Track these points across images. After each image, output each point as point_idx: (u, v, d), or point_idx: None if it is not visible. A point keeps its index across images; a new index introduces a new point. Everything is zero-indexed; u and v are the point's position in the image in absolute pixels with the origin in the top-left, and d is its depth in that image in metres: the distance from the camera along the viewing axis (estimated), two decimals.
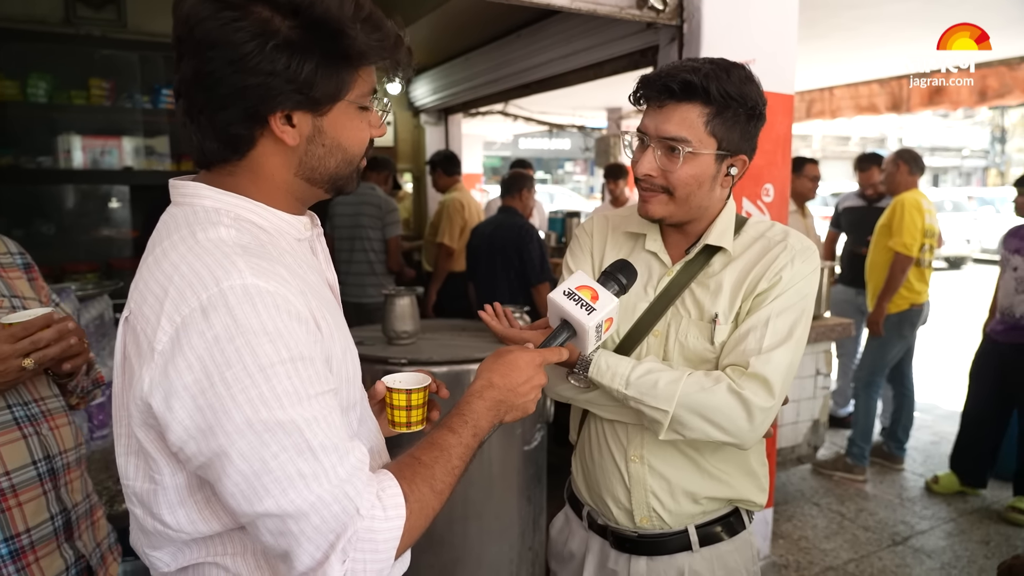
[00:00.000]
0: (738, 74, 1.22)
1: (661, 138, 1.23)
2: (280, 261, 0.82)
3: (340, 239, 4.32)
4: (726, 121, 1.22)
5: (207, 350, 0.73)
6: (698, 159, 1.22)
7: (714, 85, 1.18)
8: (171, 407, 0.75)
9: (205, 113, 0.82)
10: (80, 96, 3.99)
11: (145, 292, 0.79)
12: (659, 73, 1.24)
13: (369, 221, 4.28)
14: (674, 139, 1.21)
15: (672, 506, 1.34)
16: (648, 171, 1.25)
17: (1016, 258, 3.55)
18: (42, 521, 1.22)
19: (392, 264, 4.34)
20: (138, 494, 0.84)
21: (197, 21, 0.78)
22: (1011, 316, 3.55)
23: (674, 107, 1.21)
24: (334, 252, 4.21)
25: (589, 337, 1.12)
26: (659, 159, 1.24)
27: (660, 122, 1.23)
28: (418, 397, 1.06)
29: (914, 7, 3.80)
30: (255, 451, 0.74)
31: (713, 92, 1.19)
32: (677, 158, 1.22)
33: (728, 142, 1.24)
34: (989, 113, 23.06)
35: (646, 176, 1.26)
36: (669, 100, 1.21)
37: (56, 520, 1.25)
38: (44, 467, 1.24)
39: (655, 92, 1.23)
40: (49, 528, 1.24)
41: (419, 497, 0.84)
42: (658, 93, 1.22)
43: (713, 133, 1.22)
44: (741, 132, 1.25)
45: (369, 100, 0.88)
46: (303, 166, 0.87)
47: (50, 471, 1.25)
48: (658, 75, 1.23)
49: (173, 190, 0.88)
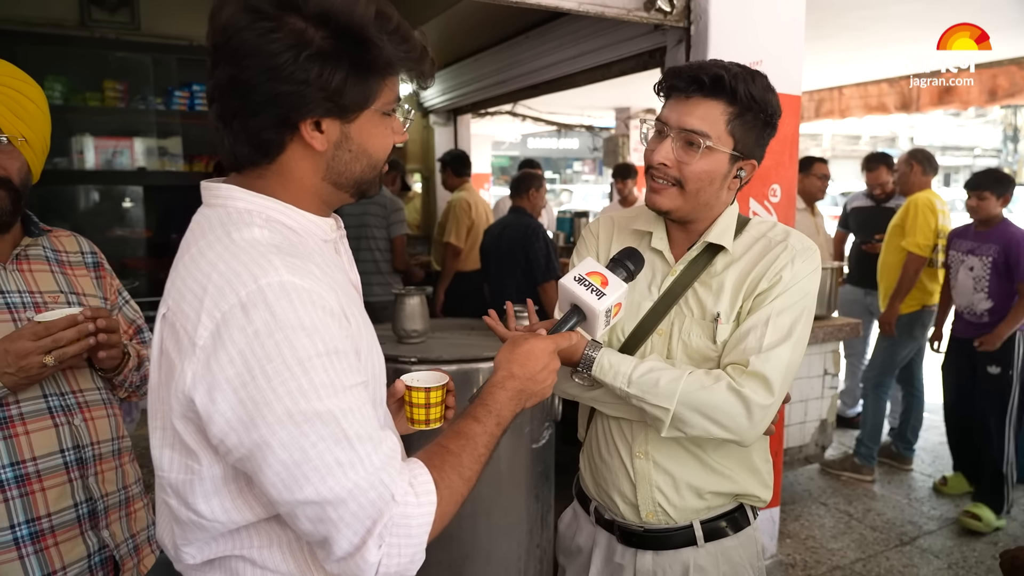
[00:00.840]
0: (762, 81, 1.26)
1: (682, 129, 1.25)
2: (311, 260, 0.85)
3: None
4: (745, 123, 1.25)
5: (248, 344, 0.77)
6: (714, 156, 1.25)
7: (742, 86, 1.22)
8: (214, 400, 0.78)
9: (239, 118, 0.85)
10: (95, 98, 4.05)
11: (183, 290, 0.82)
12: (689, 65, 1.26)
13: (374, 220, 4.31)
14: (695, 132, 1.24)
15: (677, 501, 1.36)
16: (664, 160, 1.26)
17: (971, 258, 3.57)
18: (65, 507, 1.27)
19: (397, 263, 4.37)
20: (174, 485, 0.87)
21: (235, 31, 0.81)
22: (972, 313, 3.56)
23: (700, 100, 1.24)
24: None
25: (599, 321, 1.15)
26: (676, 150, 1.26)
27: (683, 114, 1.25)
28: (436, 395, 1.09)
29: (921, 7, 3.80)
30: (295, 441, 0.77)
31: (740, 92, 1.22)
32: (695, 151, 1.24)
33: (744, 145, 1.27)
34: (1001, 112, 22.86)
35: (660, 165, 1.27)
36: (697, 93, 1.24)
37: (81, 508, 1.30)
38: (72, 456, 1.30)
39: (683, 82, 1.25)
40: (72, 515, 1.29)
41: (448, 484, 0.87)
42: (687, 84, 1.25)
43: (732, 133, 1.25)
44: (756, 137, 1.28)
45: (393, 107, 0.92)
46: (330, 171, 0.90)
47: (78, 460, 1.31)
48: (688, 67, 1.26)
49: (206, 192, 0.92)
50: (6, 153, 1.28)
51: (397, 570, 0.81)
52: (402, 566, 0.82)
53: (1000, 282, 3.45)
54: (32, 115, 1.31)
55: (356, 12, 0.82)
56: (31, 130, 1.31)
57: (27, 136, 1.30)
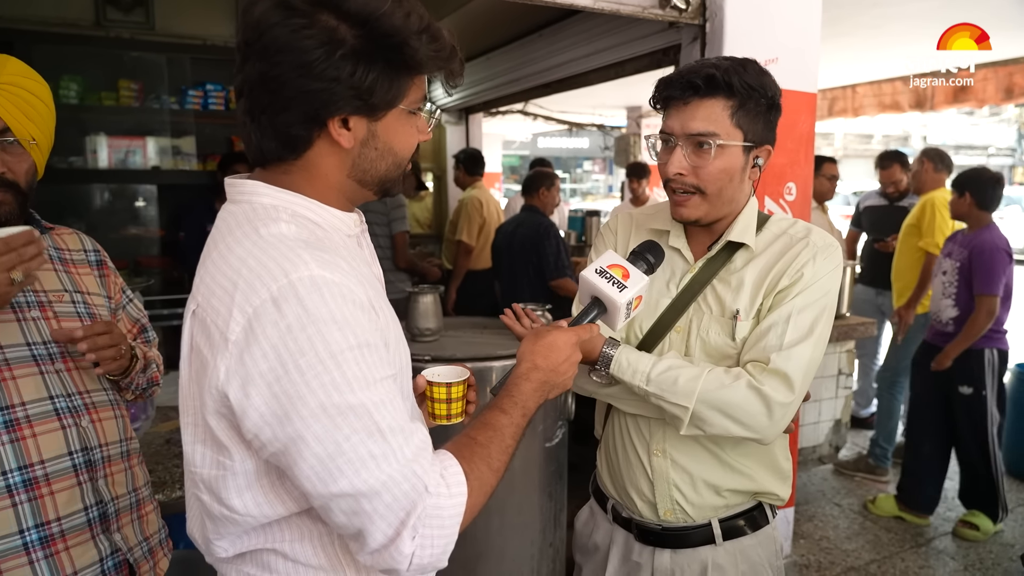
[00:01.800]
0: (753, 67, 1.26)
1: (689, 135, 1.24)
2: (338, 254, 0.85)
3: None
4: (749, 112, 1.25)
5: (280, 338, 0.77)
6: (727, 152, 1.25)
7: (735, 78, 1.22)
8: (248, 394, 0.78)
9: (267, 114, 0.85)
10: (110, 97, 4.07)
11: (212, 286, 0.82)
12: (679, 73, 1.26)
13: (374, 217, 4.27)
14: (702, 134, 1.23)
15: (695, 499, 1.36)
16: (679, 170, 1.26)
17: (946, 261, 3.43)
18: (75, 511, 1.25)
19: (399, 260, 4.35)
20: (206, 481, 0.87)
21: (268, 26, 0.81)
22: (939, 320, 3.44)
23: (699, 103, 1.24)
24: None
25: (620, 314, 1.15)
26: (688, 157, 1.25)
27: (686, 119, 1.25)
28: (458, 390, 1.09)
29: (939, 4, 3.76)
30: (329, 434, 0.78)
31: (736, 84, 1.22)
32: (708, 153, 1.24)
33: (753, 133, 1.26)
34: (1016, 110, 22.64)
35: (677, 175, 1.27)
36: (693, 96, 1.24)
37: (91, 511, 1.27)
38: (81, 458, 1.27)
39: (678, 90, 1.25)
40: (83, 518, 1.26)
41: (478, 475, 0.88)
42: (682, 91, 1.25)
43: (739, 125, 1.25)
44: (764, 122, 1.28)
45: (419, 106, 0.92)
46: (356, 168, 0.91)
47: (87, 463, 1.28)
48: (679, 74, 1.26)
49: (230, 188, 0.92)
50: (15, 156, 1.25)
51: (430, 560, 0.82)
52: (435, 556, 0.82)
53: (967, 291, 3.28)
54: (42, 115, 1.29)
55: (390, 11, 0.82)
56: (40, 131, 1.29)
57: (37, 137, 1.27)
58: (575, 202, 21.68)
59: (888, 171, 4.55)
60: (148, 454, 2.07)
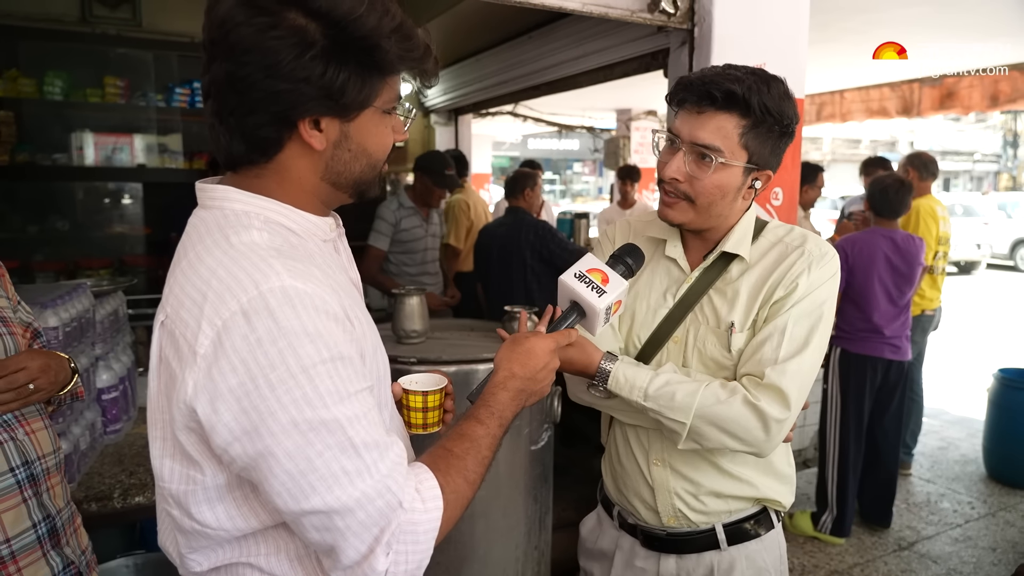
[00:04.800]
0: (778, 89, 1.21)
1: (694, 144, 1.22)
2: (312, 262, 0.83)
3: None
4: (759, 135, 1.21)
5: (250, 352, 0.75)
6: (727, 170, 1.22)
7: (756, 98, 1.17)
8: (216, 410, 0.76)
9: (235, 115, 0.83)
10: (95, 94, 4.03)
11: (182, 296, 0.80)
12: (702, 78, 1.22)
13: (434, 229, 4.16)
14: (707, 147, 1.20)
15: (697, 506, 1.36)
16: (675, 175, 1.24)
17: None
18: (24, 530, 1.21)
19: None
20: (175, 495, 0.85)
21: (233, 25, 0.78)
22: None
23: (712, 115, 1.20)
24: None
25: (599, 319, 1.14)
26: (688, 164, 1.23)
27: (695, 128, 1.21)
28: (434, 399, 1.07)
29: (925, 12, 3.80)
30: (300, 450, 0.76)
31: (754, 105, 1.17)
32: (707, 166, 1.21)
33: (758, 156, 1.23)
34: (1001, 117, 22.90)
35: (672, 180, 1.25)
36: (709, 107, 1.20)
37: (40, 527, 1.24)
38: (23, 473, 1.22)
39: (695, 96, 1.21)
40: (32, 536, 1.22)
41: (454, 488, 0.86)
42: (698, 98, 1.20)
43: (746, 146, 1.21)
44: (771, 148, 1.24)
45: (394, 106, 0.90)
46: (329, 170, 0.88)
47: (30, 477, 1.23)
48: (701, 79, 1.21)
49: (201, 193, 0.89)
50: None
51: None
52: (410, 572, 0.81)
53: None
54: None
55: (364, 13, 0.80)
56: None
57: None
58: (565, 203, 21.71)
59: (872, 178, 4.58)
60: (130, 455, 2.05)
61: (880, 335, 3.27)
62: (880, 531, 3.45)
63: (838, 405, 3.35)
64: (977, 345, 7.62)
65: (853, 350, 3.30)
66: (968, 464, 4.32)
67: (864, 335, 3.28)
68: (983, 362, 6.50)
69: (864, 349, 3.29)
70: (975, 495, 3.90)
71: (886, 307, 3.24)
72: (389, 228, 3.72)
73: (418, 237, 3.83)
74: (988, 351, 7.27)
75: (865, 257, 3.22)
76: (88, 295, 2.00)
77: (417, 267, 3.89)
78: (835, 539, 3.34)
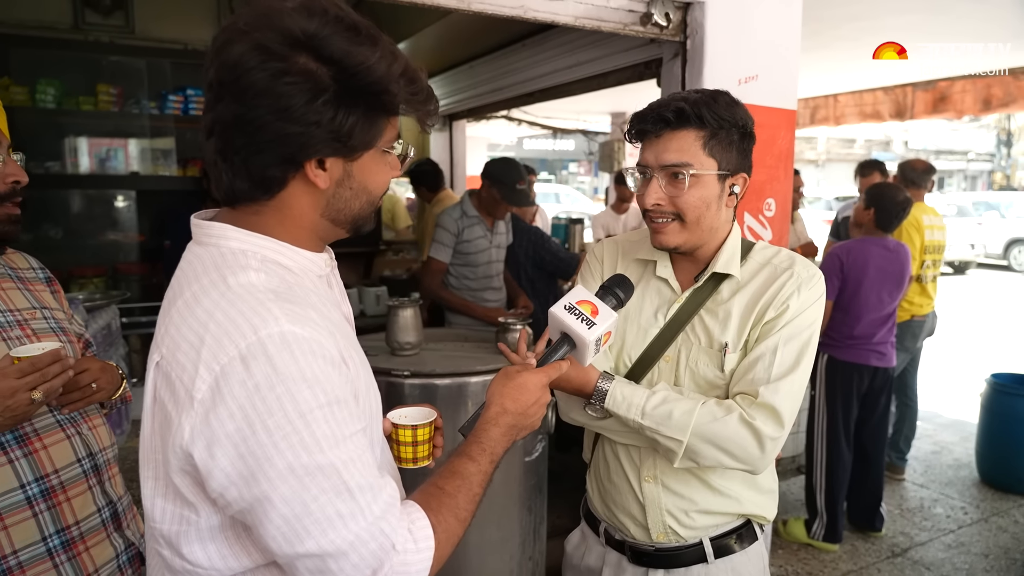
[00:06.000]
0: (724, 99, 1.29)
1: (663, 166, 1.27)
2: (308, 302, 0.84)
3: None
4: (721, 142, 1.28)
5: (248, 398, 0.75)
6: (702, 181, 1.27)
7: (705, 110, 1.25)
8: (213, 455, 0.76)
9: (241, 155, 0.83)
10: (88, 102, 4.03)
11: (178, 338, 0.80)
12: (650, 107, 1.30)
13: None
14: (676, 165, 1.26)
15: (687, 521, 1.39)
16: (656, 200, 1.29)
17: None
18: (90, 514, 1.33)
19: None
20: (167, 536, 0.85)
21: (245, 70, 0.79)
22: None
23: (671, 135, 1.27)
24: None
25: (589, 351, 1.15)
26: (664, 188, 1.28)
27: (660, 152, 1.28)
28: (424, 432, 1.07)
29: (915, 20, 3.82)
30: (296, 495, 0.77)
31: (706, 116, 1.25)
32: (682, 183, 1.26)
33: (727, 162, 1.29)
34: (995, 116, 22.97)
35: (655, 206, 1.29)
36: (665, 129, 1.27)
37: (104, 512, 1.36)
38: (88, 464, 1.35)
39: (650, 124, 1.28)
40: (97, 520, 1.34)
41: (446, 527, 0.87)
42: (654, 124, 1.28)
43: (711, 155, 1.27)
44: (736, 151, 1.30)
45: (393, 144, 0.92)
46: (330, 207, 0.89)
47: (94, 467, 1.36)
48: (650, 109, 1.29)
49: (196, 229, 0.90)
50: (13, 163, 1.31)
51: None
52: None
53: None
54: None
55: (376, 62, 0.82)
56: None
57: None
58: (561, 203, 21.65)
59: (868, 179, 4.59)
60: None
61: (867, 342, 3.29)
62: (874, 537, 3.47)
63: (824, 412, 3.37)
64: (970, 347, 7.66)
65: (840, 357, 3.32)
66: (961, 468, 4.34)
67: (851, 342, 3.30)
68: (976, 364, 6.53)
69: (851, 356, 3.31)
70: (968, 500, 3.92)
71: (874, 315, 3.26)
72: (451, 239, 3.39)
73: (481, 249, 3.45)
74: (981, 353, 7.30)
75: (858, 266, 3.24)
76: (80, 310, 2.01)
77: (479, 281, 3.50)
78: (828, 546, 3.35)
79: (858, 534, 3.50)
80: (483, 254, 3.46)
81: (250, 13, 0.82)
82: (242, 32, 0.80)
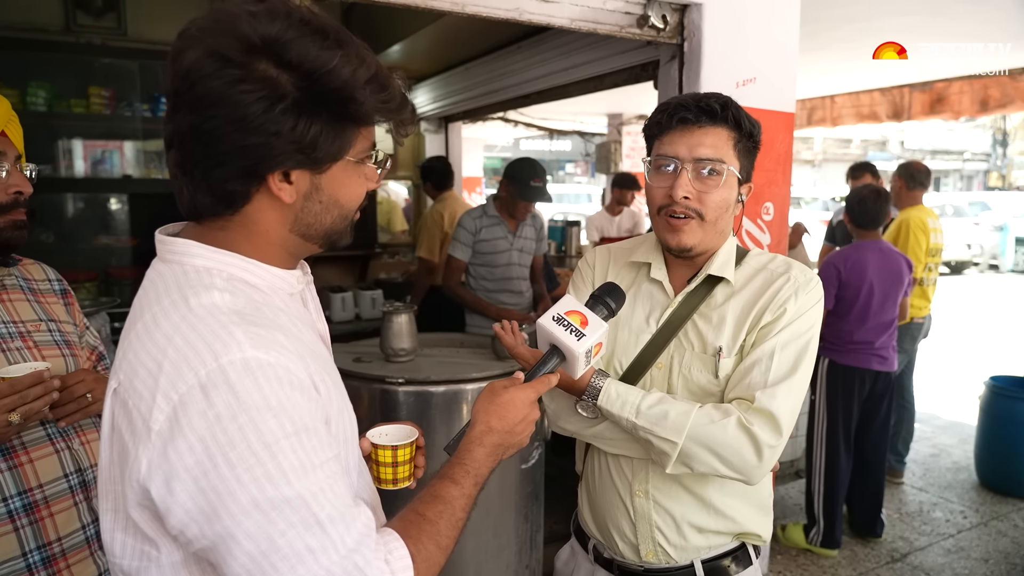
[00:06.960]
0: (744, 111, 1.29)
1: (697, 159, 1.23)
2: (276, 324, 0.80)
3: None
4: (744, 148, 1.27)
5: (209, 430, 0.71)
6: (728, 181, 1.25)
7: (740, 115, 1.25)
8: (172, 490, 0.72)
9: (200, 168, 0.79)
10: (80, 104, 3.98)
11: (136, 364, 0.75)
12: (694, 96, 1.27)
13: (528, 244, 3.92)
14: (711, 160, 1.23)
15: (677, 540, 1.34)
16: (687, 192, 1.23)
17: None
18: (74, 530, 1.30)
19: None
20: (127, 571, 0.81)
21: (199, 77, 0.75)
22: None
23: (707, 129, 1.24)
24: None
25: (579, 362, 1.11)
26: (693, 182, 1.24)
27: (695, 144, 1.24)
28: (404, 453, 1.03)
29: (913, 21, 3.80)
30: (262, 530, 0.72)
31: (741, 119, 1.25)
32: (712, 180, 1.24)
33: (744, 169, 1.28)
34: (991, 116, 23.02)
35: (684, 199, 1.24)
36: (708, 122, 1.24)
37: (89, 529, 1.32)
38: (76, 479, 1.32)
39: (693, 113, 1.24)
40: (81, 537, 1.31)
41: (426, 556, 0.82)
42: (696, 115, 1.24)
43: (737, 157, 1.26)
44: (751, 160, 1.30)
45: (368, 155, 0.87)
46: (299, 222, 0.85)
47: (82, 483, 1.33)
48: (693, 98, 1.26)
49: (160, 245, 0.86)
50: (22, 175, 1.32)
51: None
52: None
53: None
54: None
55: (338, 66, 0.77)
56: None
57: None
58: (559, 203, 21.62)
59: (859, 181, 4.56)
60: None
61: (868, 346, 3.27)
62: (873, 542, 3.45)
63: (824, 416, 3.35)
64: (968, 348, 7.65)
65: (841, 361, 3.30)
66: (960, 472, 4.32)
67: (852, 347, 3.28)
68: (974, 365, 6.53)
69: (852, 360, 3.28)
70: (967, 504, 3.90)
71: (874, 319, 3.24)
72: (469, 237, 3.43)
73: (500, 250, 3.46)
74: (979, 353, 7.30)
75: (856, 272, 3.22)
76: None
77: (496, 283, 3.51)
78: (827, 551, 3.33)
79: (857, 539, 3.48)
80: (502, 255, 3.47)
81: (205, 19, 0.77)
82: (195, 38, 0.76)
